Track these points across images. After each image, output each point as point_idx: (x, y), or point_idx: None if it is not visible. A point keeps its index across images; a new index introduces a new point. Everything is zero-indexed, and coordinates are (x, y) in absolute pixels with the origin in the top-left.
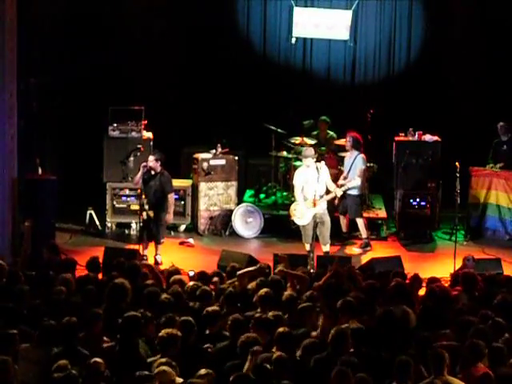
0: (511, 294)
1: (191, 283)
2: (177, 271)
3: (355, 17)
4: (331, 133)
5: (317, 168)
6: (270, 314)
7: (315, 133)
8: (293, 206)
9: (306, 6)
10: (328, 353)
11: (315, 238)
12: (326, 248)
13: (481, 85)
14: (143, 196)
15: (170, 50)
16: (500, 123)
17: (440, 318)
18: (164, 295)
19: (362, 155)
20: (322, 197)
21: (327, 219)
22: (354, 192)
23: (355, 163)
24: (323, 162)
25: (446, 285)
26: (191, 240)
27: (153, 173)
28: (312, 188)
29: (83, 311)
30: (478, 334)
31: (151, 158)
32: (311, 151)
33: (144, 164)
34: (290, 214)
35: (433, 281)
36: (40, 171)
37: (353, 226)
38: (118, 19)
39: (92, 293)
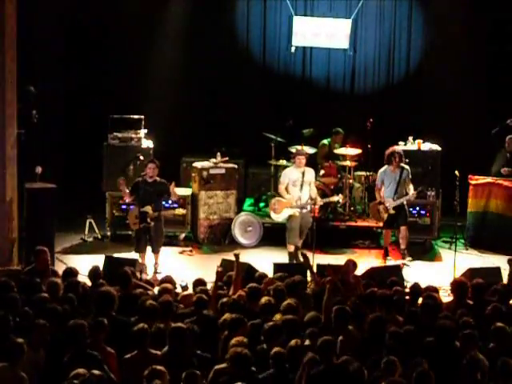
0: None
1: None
2: (166, 281)
3: (355, 26)
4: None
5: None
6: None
7: (326, 142)
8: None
9: (305, 15)
10: None
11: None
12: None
13: (480, 93)
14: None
15: (169, 59)
16: (509, 136)
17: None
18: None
19: (407, 167)
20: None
21: (310, 220)
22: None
23: (404, 176)
24: (309, 168)
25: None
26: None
27: (150, 180)
28: (296, 190)
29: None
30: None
31: (152, 165)
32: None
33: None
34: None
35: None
36: (40, 180)
37: (352, 234)
38: (118, 28)
39: (73, 301)
